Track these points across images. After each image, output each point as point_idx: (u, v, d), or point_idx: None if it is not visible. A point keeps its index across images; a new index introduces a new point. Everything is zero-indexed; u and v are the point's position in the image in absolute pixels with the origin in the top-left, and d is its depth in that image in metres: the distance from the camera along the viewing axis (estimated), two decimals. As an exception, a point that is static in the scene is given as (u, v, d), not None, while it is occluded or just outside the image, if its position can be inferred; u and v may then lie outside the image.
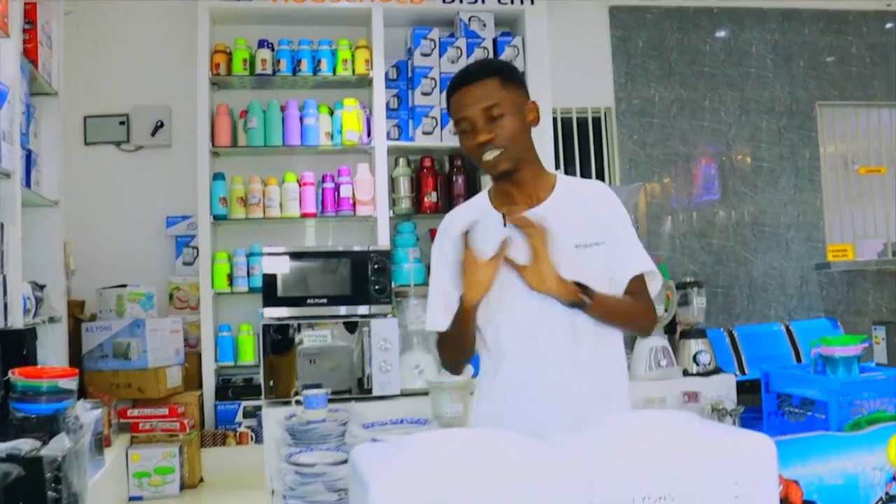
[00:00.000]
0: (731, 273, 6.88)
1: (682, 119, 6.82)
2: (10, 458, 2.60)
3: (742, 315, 6.85)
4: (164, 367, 5.07)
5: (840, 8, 7.24)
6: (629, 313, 2.15)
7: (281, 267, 3.02)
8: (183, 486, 4.92)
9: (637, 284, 2.15)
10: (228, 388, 5.45)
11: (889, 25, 7.43)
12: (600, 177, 6.72)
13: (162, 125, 5.73)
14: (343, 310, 3.08)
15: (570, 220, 2.11)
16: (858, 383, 2.73)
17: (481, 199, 2.27)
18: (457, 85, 2.13)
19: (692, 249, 6.80)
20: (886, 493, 1.75)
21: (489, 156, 2.07)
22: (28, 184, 4.13)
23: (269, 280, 2.97)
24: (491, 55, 5.67)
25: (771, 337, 5.50)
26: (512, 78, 2.13)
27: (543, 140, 5.61)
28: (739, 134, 6.96)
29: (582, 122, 6.74)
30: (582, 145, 6.72)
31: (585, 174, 6.71)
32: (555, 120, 6.28)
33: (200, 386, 5.38)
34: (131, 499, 4.79)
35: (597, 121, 6.77)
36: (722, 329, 6.06)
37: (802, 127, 7.12)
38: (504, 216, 2.12)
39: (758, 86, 7.01)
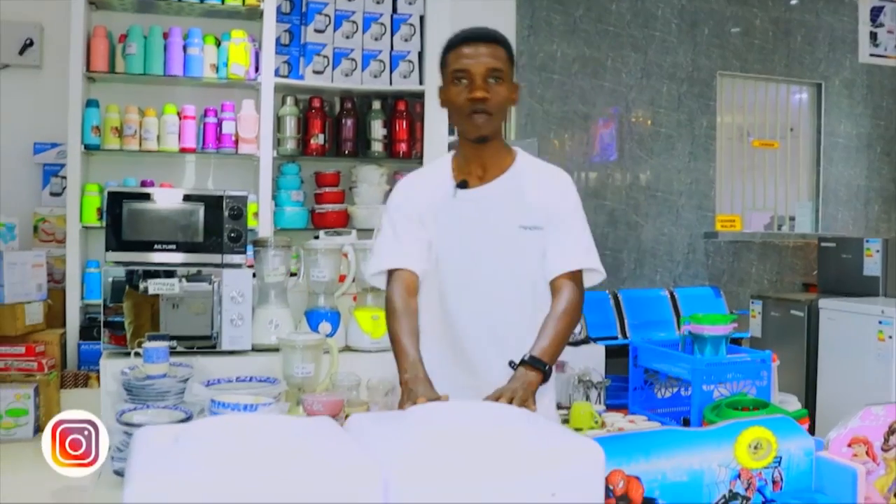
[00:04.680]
0: (620, 236, 6.89)
1: (583, 77, 6.73)
2: None
3: (629, 279, 6.88)
4: (23, 303, 4.77)
5: (747, -22, 7.24)
6: (567, 333, 2.16)
7: (127, 207, 2.79)
8: (38, 430, 4.66)
9: (571, 275, 2.21)
10: (94, 328, 5.14)
11: (794, 1, 7.47)
12: (496, 131, 6.60)
13: (31, 43, 5.31)
14: (193, 258, 2.87)
15: (517, 200, 2.21)
16: (723, 364, 2.69)
17: (441, 165, 2.31)
18: (466, 39, 2.16)
19: (584, 210, 6.75)
20: (730, 491, 1.69)
21: (479, 117, 2.11)
22: None
23: (114, 221, 2.73)
24: (392, -4, 5.45)
25: (655, 302, 5.53)
26: (512, 55, 2.22)
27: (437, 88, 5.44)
28: (639, 97, 6.92)
29: (482, 73, 6.57)
30: (480, 97, 6.57)
31: (482, 127, 6.57)
32: (453, 69, 6.09)
33: (64, 324, 5.09)
34: (-20, 441, 4.51)
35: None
36: (607, 291, 6.08)
37: (702, 95, 7.13)
38: (456, 187, 2.20)
39: (661, 50, 6.96)
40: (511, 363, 2.05)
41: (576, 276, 2.22)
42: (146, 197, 2.78)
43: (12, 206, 5.16)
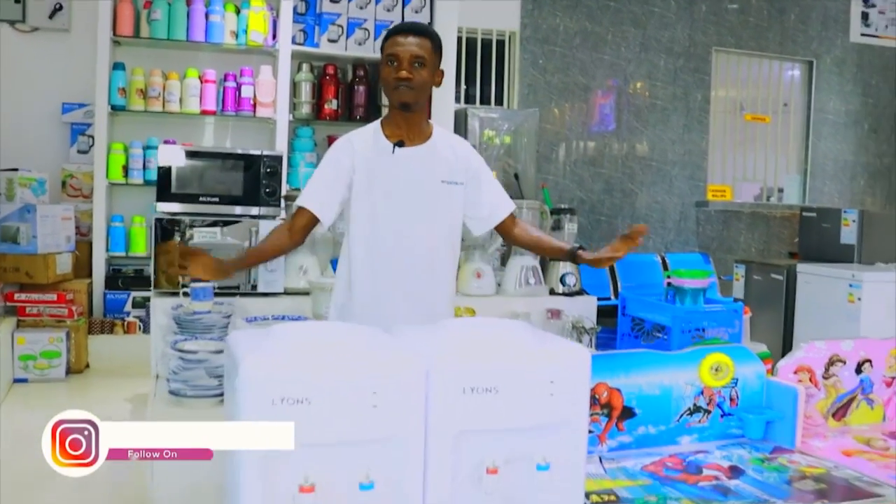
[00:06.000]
0: (616, 203, 7.22)
1: (584, 50, 7.02)
2: None
3: (622, 244, 7.20)
4: (53, 254, 5.09)
5: (744, -44, 7.50)
6: None
7: (177, 163, 3.11)
8: (69, 371, 5.01)
9: (512, 217, 2.79)
10: (119, 279, 5.50)
11: (789, -20, 7.74)
12: (499, 99, 6.91)
13: (60, 8, 5.59)
14: (234, 209, 3.21)
15: (442, 158, 2.65)
16: (700, 313, 3.06)
17: (375, 128, 2.69)
18: (400, 30, 2.59)
19: (581, 177, 7.09)
20: (694, 405, 2.05)
21: (403, 90, 2.54)
22: (-84, 58, 4.02)
23: (164, 175, 3.06)
24: (403, -31, 5.74)
25: (647, 266, 5.83)
26: (439, 46, 2.63)
27: (446, 60, 5.73)
28: (637, 70, 7.22)
29: (486, 44, 6.87)
30: (484, 67, 6.87)
31: (485, 95, 6.88)
32: (459, 39, 6.38)
33: (90, 274, 5.41)
34: (16, 380, 4.85)
35: (501, 44, 6.91)
36: (602, 256, 6.38)
37: (697, 70, 7.43)
38: (394, 146, 2.62)
39: (660, 25, 7.24)
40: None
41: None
42: (195, 154, 3.12)
43: (42, 163, 5.46)
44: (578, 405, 1.48)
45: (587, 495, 1.63)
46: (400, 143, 2.60)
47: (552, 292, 3.83)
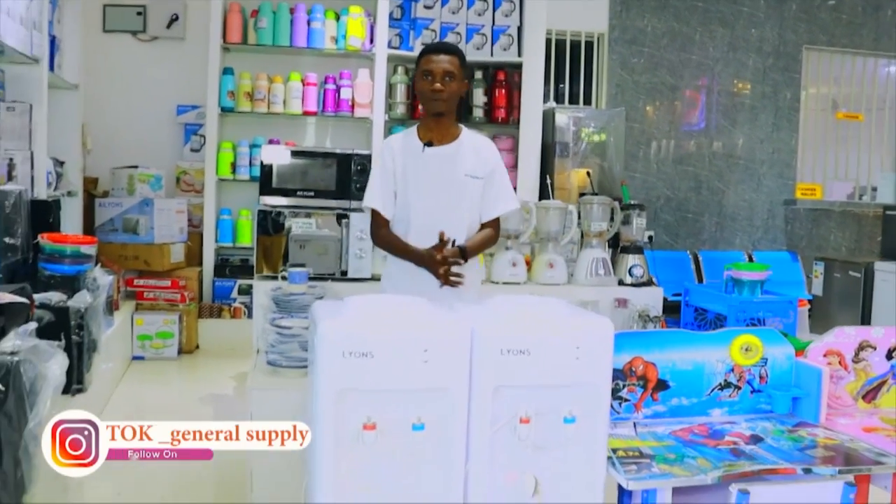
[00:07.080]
0: (703, 200, 7.33)
1: (672, 51, 7.15)
2: (42, 306, 3.11)
3: (709, 241, 7.32)
4: (168, 244, 5.58)
5: (838, -46, 7.49)
6: (485, 245, 3.22)
7: (278, 160, 3.48)
8: (181, 351, 5.50)
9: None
10: (226, 267, 5.94)
11: (885, -25, 7.67)
12: (587, 99, 7.11)
13: (177, 18, 6.08)
14: (328, 203, 3.58)
15: (466, 155, 3.10)
16: (755, 303, 3.25)
17: (411, 131, 3.19)
18: (434, 50, 3.05)
19: (669, 175, 7.23)
20: (725, 380, 2.27)
21: (437, 101, 3.00)
22: (52, 67, 4.50)
23: (267, 171, 3.43)
24: (494, -24, 6.04)
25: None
26: (464, 62, 3.08)
27: (534, 61, 6.00)
28: (725, 70, 7.31)
29: (575, 45, 7.08)
30: (573, 67, 7.08)
31: (574, 95, 7.10)
32: (548, 41, 6.61)
33: (201, 263, 5.88)
34: (134, 358, 5.35)
35: (589, 45, 7.11)
36: (688, 252, 6.55)
37: (787, 68, 7.46)
38: (424, 146, 3.08)
39: (748, 24, 7.31)
40: (452, 242, 3.04)
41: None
42: (293, 153, 3.49)
43: (159, 160, 5.97)
44: (601, 369, 1.75)
45: (614, 451, 1.89)
46: (429, 143, 3.07)
47: (621, 283, 4.07)
